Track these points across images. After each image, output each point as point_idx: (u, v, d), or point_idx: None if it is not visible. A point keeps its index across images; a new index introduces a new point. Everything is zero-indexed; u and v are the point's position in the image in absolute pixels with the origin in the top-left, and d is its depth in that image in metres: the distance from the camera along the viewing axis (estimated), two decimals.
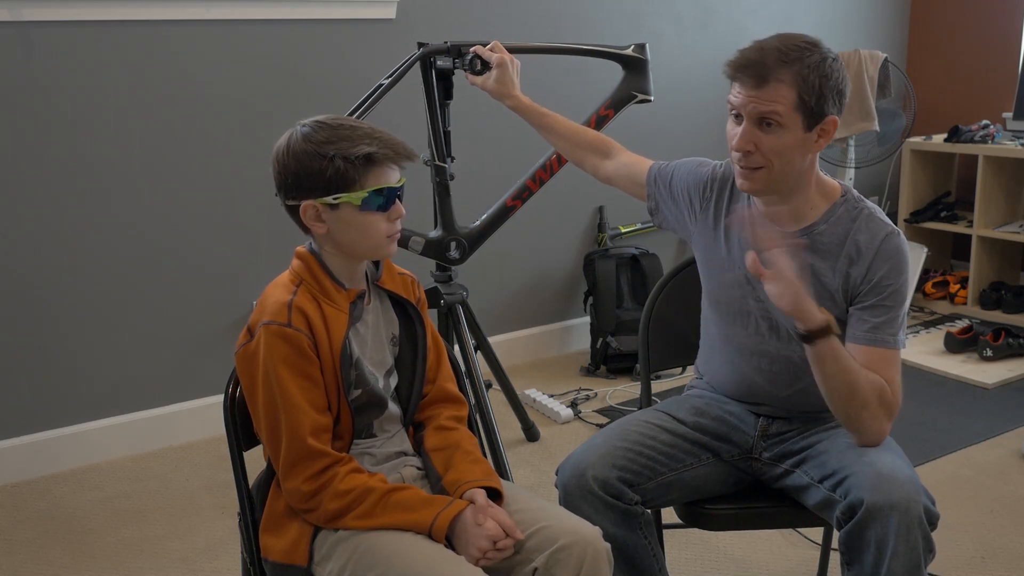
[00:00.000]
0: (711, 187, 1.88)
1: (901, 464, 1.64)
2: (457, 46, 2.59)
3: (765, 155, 1.66)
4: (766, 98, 1.63)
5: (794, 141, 1.65)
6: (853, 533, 1.58)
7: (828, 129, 1.67)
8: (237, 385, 1.64)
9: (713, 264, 1.87)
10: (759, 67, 1.62)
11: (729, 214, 1.84)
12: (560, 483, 1.76)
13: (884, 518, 1.54)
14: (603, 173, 2.08)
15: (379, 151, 1.53)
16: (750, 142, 1.66)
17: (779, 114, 1.63)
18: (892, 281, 1.70)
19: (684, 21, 4.08)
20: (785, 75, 1.61)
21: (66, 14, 2.81)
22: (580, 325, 4.06)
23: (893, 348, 1.71)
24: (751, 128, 1.66)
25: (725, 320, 1.87)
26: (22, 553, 2.56)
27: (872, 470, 1.61)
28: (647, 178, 1.98)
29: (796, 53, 1.62)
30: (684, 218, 1.93)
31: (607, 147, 2.09)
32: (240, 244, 3.23)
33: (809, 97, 1.62)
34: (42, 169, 2.88)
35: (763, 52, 1.63)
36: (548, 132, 2.16)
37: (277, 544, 1.58)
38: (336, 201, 1.54)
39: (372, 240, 1.58)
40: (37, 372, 2.98)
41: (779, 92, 1.62)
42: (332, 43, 3.28)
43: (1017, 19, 4.53)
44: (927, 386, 3.58)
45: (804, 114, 1.64)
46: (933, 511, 1.59)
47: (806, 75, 1.62)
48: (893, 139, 4.39)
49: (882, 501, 1.55)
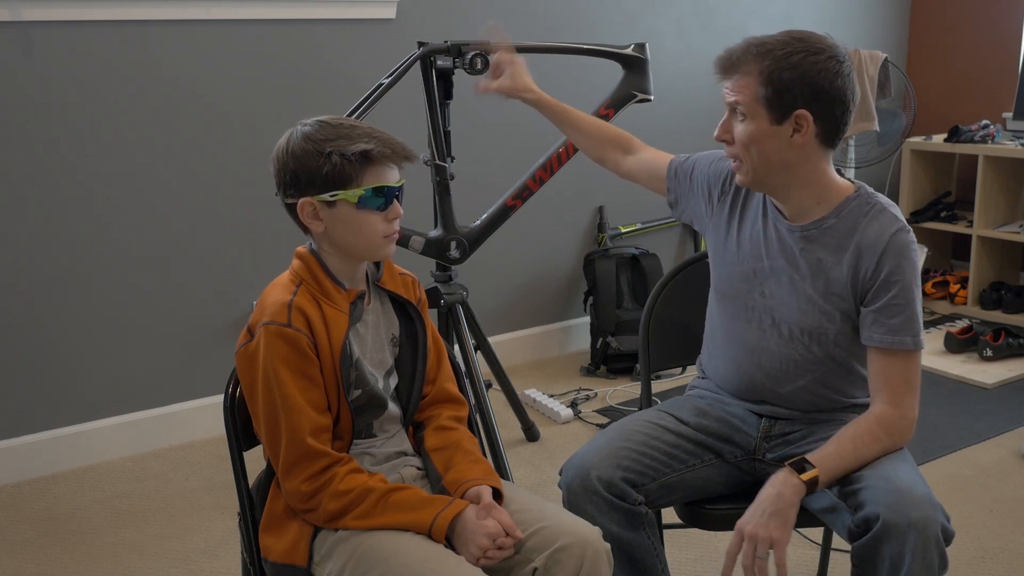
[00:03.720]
0: (729, 180, 1.89)
1: (917, 479, 1.63)
2: (457, 45, 2.59)
3: (737, 145, 1.71)
4: (732, 88, 1.69)
5: (761, 133, 1.68)
6: (868, 547, 1.56)
7: (803, 124, 1.67)
8: (237, 385, 1.64)
9: (723, 257, 1.88)
10: (728, 58, 1.70)
11: (744, 212, 1.85)
12: (564, 483, 1.76)
13: (901, 536, 1.52)
14: (624, 168, 2.09)
15: (376, 149, 1.53)
16: (727, 131, 1.73)
17: (741, 104, 1.68)
18: (900, 277, 1.69)
19: (684, 21, 4.08)
20: (750, 67, 1.66)
21: (66, 14, 2.81)
22: (580, 325, 4.06)
23: (912, 350, 1.70)
24: (728, 118, 1.72)
25: (729, 314, 1.88)
26: (22, 553, 2.56)
27: (888, 485, 1.59)
28: (668, 172, 2.00)
29: (772, 47, 1.65)
30: (702, 210, 1.94)
31: (628, 143, 2.09)
32: (240, 244, 3.23)
33: (767, 89, 1.64)
34: (42, 168, 2.88)
35: (743, 46, 1.69)
36: (570, 127, 2.15)
37: (277, 544, 1.58)
38: (333, 199, 1.54)
39: (369, 239, 1.58)
40: (37, 372, 2.98)
41: (742, 83, 1.67)
42: (332, 43, 3.28)
43: (1017, 19, 4.53)
44: (927, 386, 3.55)
45: (767, 107, 1.66)
46: (949, 528, 1.57)
47: (772, 68, 1.64)
48: (893, 139, 4.39)
49: (900, 519, 1.53)
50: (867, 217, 1.72)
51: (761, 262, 1.81)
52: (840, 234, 1.73)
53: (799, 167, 1.71)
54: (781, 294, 1.79)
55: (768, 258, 1.80)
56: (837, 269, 1.73)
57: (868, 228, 1.71)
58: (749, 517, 1.63)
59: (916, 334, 1.70)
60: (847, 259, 1.72)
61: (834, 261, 1.74)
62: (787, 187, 1.74)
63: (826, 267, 1.74)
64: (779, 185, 1.74)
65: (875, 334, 1.71)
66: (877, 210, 1.73)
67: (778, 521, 1.61)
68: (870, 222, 1.71)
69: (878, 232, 1.70)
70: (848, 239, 1.72)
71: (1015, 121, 4.32)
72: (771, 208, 1.81)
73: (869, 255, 1.70)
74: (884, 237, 1.69)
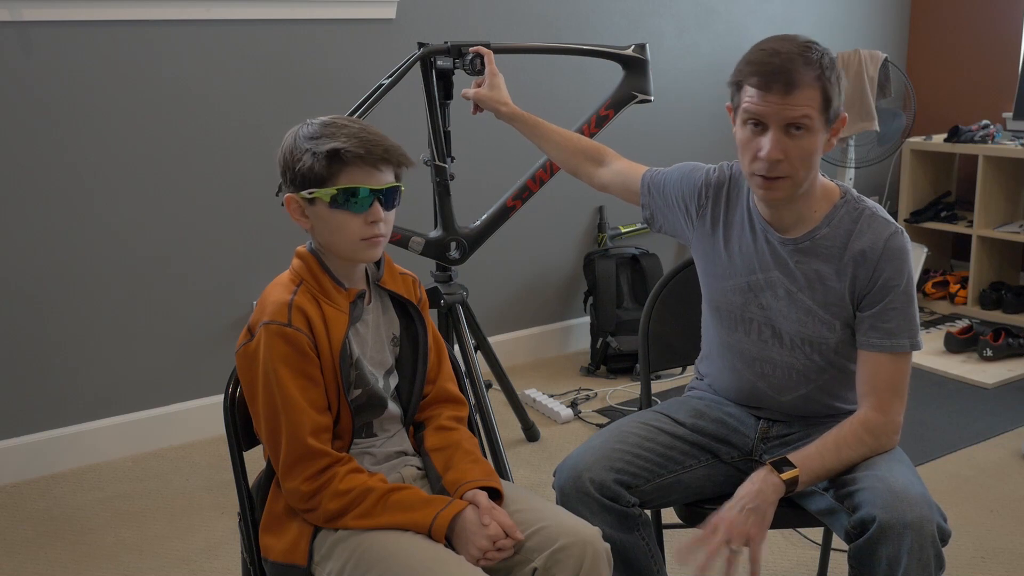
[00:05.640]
0: (706, 193, 1.86)
1: (913, 479, 1.62)
2: (457, 46, 2.59)
3: (792, 162, 1.63)
4: (796, 103, 1.59)
5: (819, 144, 1.65)
6: (864, 549, 1.57)
7: (838, 127, 1.67)
8: (237, 385, 1.64)
9: (713, 271, 1.86)
10: (788, 73, 1.59)
11: (729, 223, 1.82)
12: (557, 485, 1.76)
13: (897, 537, 1.52)
14: (598, 181, 2.07)
15: (347, 149, 1.51)
16: (783, 151, 1.63)
17: (810, 117, 1.61)
18: (897, 281, 1.69)
19: (684, 21, 4.08)
20: (809, 78, 1.60)
21: (66, 14, 2.81)
22: (580, 325, 4.06)
23: (907, 351, 1.69)
24: (779, 135, 1.62)
25: (727, 327, 1.86)
26: (22, 553, 2.56)
27: (884, 486, 1.59)
28: (640, 186, 1.98)
29: (810, 54, 1.61)
30: (681, 225, 1.92)
31: (601, 154, 2.07)
32: (240, 244, 3.23)
33: (832, 95, 1.62)
34: (42, 168, 2.88)
35: (784, 57, 1.59)
36: (542, 140, 2.15)
37: (277, 544, 1.58)
38: (311, 196, 1.54)
39: (346, 240, 1.56)
40: (37, 372, 2.98)
41: (807, 95, 1.60)
42: (332, 43, 3.28)
43: (1017, 19, 4.53)
44: (927, 386, 3.57)
45: (824, 116, 1.63)
46: (945, 528, 1.57)
47: (821, 76, 1.61)
48: (893, 139, 4.39)
49: (895, 520, 1.53)
50: (858, 224, 1.71)
51: (755, 275, 1.79)
52: (834, 244, 1.72)
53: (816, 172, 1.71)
54: (779, 306, 1.78)
55: (762, 271, 1.78)
56: (834, 279, 1.73)
57: (862, 236, 1.70)
58: (726, 512, 1.63)
59: (914, 335, 1.70)
60: (844, 269, 1.72)
61: (830, 271, 1.73)
62: (804, 196, 1.71)
63: (823, 278, 1.73)
64: (801, 195, 1.71)
65: (871, 339, 1.70)
66: (867, 216, 1.72)
67: (756, 517, 1.61)
68: (863, 230, 1.70)
69: (872, 239, 1.69)
70: (843, 248, 1.71)
71: (1015, 121, 4.32)
72: (758, 219, 1.78)
73: (866, 263, 1.70)
74: (879, 244, 1.69)
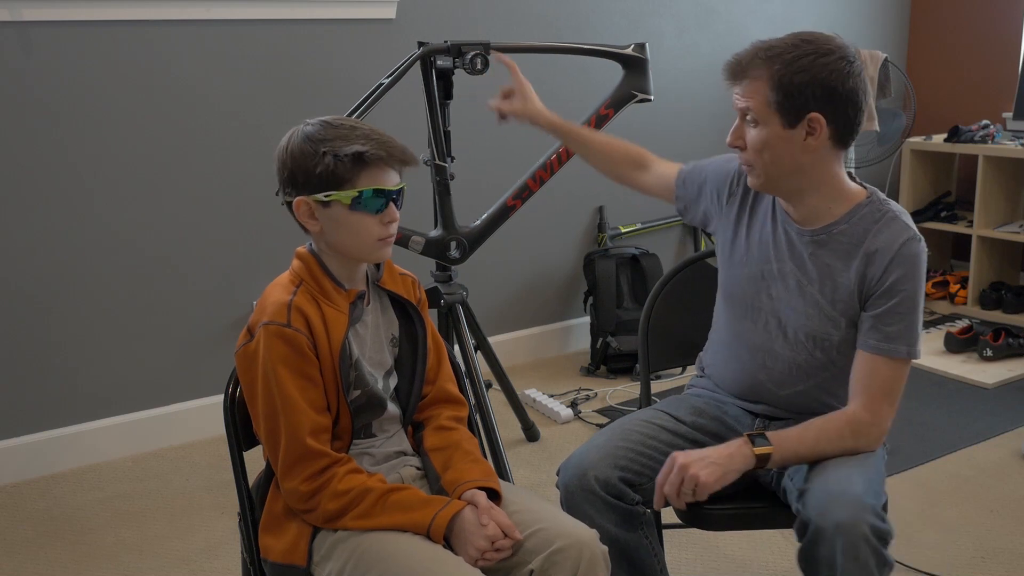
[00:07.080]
0: (736, 181, 1.89)
1: (856, 479, 1.60)
2: (457, 45, 2.59)
3: (750, 152, 1.71)
4: (742, 94, 1.69)
5: (773, 137, 1.67)
6: (806, 551, 1.59)
7: (816, 127, 1.66)
8: (237, 385, 1.64)
9: (731, 258, 1.88)
10: (736, 64, 1.69)
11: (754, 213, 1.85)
12: (561, 483, 1.76)
13: (831, 538, 1.53)
14: (642, 185, 2.09)
15: (371, 151, 1.52)
16: (740, 138, 1.72)
17: (752, 109, 1.67)
18: (906, 286, 1.68)
19: (684, 21, 4.08)
20: (760, 72, 1.65)
21: (66, 14, 2.81)
22: (580, 325, 4.06)
23: (904, 358, 1.69)
24: (739, 123, 1.72)
25: (736, 314, 1.88)
26: (22, 553, 2.56)
27: (822, 487, 1.60)
28: (676, 182, 2.01)
29: (781, 50, 1.64)
30: (711, 213, 1.95)
31: (644, 159, 2.09)
32: (240, 244, 3.23)
33: (778, 93, 1.63)
34: (43, 168, 2.88)
35: (751, 50, 1.68)
36: (585, 150, 2.14)
37: (276, 544, 1.58)
38: (327, 199, 1.54)
39: (362, 241, 1.57)
40: (37, 372, 2.98)
41: (752, 88, 1.67)
42: (332, 43, 3.28)
43: (1017, 19, 4.53)
44: (927, 386, 3.57)
45: (779, 111, 1.65)
46: (882, 527, 1.55)
47: (782, 72, 1.63)
48: (893, 139, 4.39)
49: (827, 522, 1.53)
50: (878, 224, 1.71)
51: (769, 264, 1.81)
52: (850, 240, 1.73)
53: (812, 170, 1.71)
54: (788, 297, 1.79)
55: (777, 260, 1.80)
56: (845, 275, 1.73)
57: (879, 235, 1.70)
58: (689, 455, 1.65)
59: (912, 344, 1.70)
60: (855, 265, 1.72)
61: (842, 267, 1.73)
62: (800, 191, 1.74)
63: (834, 273, 1.74)
64: (792, 189, 1.74)
65: (871, 340, 1.70)
66: (889, 218, 1.72)
67: (715, 470, 1.63)
68: (881, 229, 1.71)
69: (888, 240, 1.69)
70: (858, 246, 1.72)
71: (1015, 121, 4.32)
72: (780, 211, 1.81)
73: (877, 262, 1.69)
74: (894, 245, 1.69)
